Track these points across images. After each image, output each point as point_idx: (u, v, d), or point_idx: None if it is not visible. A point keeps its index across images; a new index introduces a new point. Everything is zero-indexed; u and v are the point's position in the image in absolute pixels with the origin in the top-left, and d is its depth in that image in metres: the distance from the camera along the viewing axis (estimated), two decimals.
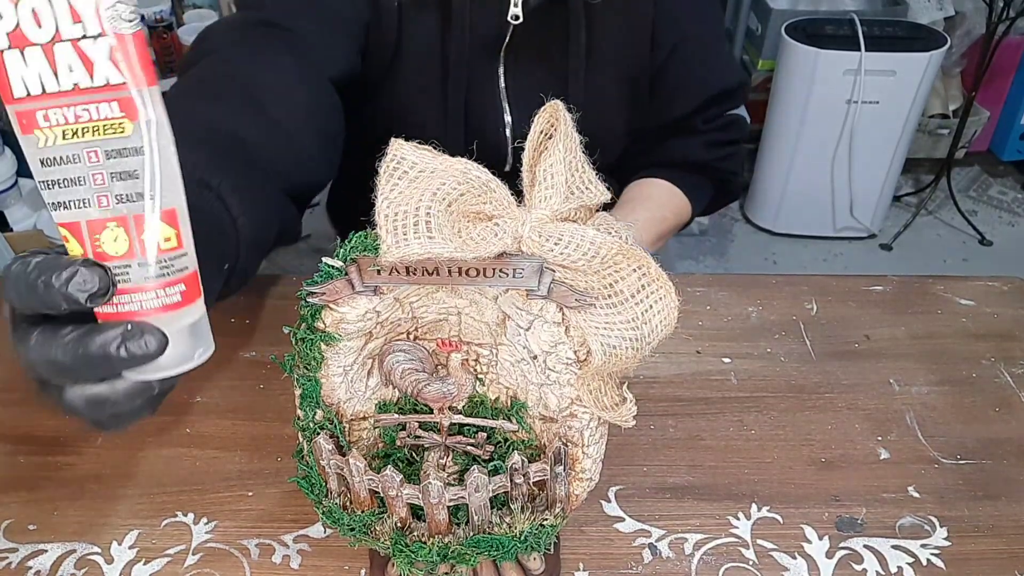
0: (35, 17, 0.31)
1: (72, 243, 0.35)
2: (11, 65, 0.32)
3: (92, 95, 0.32)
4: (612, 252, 0.45)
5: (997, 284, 0.90)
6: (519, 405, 0.54)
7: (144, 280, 0.35)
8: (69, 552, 0.61)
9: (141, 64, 0.33)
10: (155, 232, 0.34)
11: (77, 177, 0.33)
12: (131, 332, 0.35)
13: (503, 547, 0.52)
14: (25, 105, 0.32)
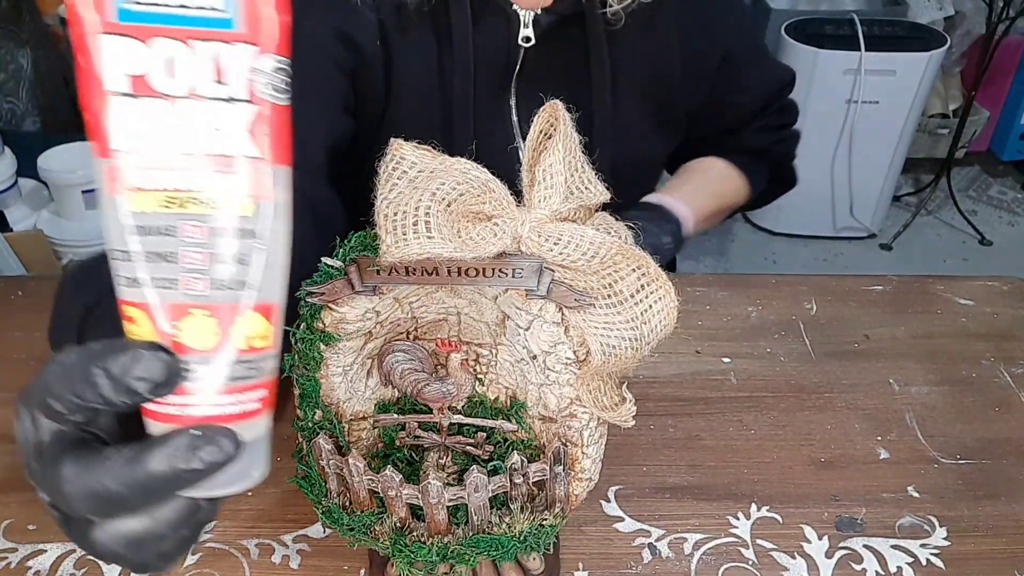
0: (169, 65, 0.27)
1: (141, 327, 0.29)
2: (120, 113, 0.27)
3: (214, 164, 0.28)
4: (611, 252, 0.45)
5: (997, 284, 0.90)
6: (518, 405, 0.54)
7: (226, 380, 0.29)
8: (69, 552, 0.61)
9: (281, 140, 0.29)
10: (250, 327, 0.29)
11: (167, 252, 0.28)
12: (202, 437, 0.29)
13: (502, 547, 0.52)
14: (122, 161, 0.27)
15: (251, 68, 0.27)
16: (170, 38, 0.26)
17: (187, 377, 0.29)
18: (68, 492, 0.29)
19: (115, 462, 0.29)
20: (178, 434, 0.29)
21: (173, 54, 0.27)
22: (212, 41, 0.27)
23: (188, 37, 0.27)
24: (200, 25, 0.27)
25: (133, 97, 0.27)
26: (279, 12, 0.27)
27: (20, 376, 0.77)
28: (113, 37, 0.26)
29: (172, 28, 0.26)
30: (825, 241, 2.43)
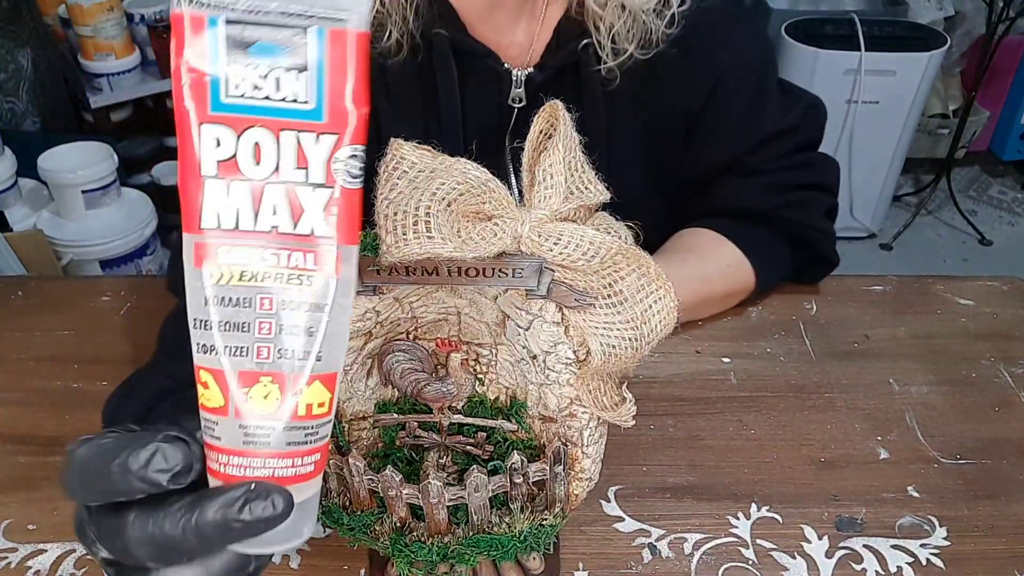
0: (256, 151, 0.29)
1: (212, 391, 0.31)
2: (211, 194, 0.29)
3: (289, 242, 0.30)
4: (611, 252, 0.45)
5: (997, 284, 0.90)
6: (518, 405, 0.54)
7: (286, 445, 0.31)
8: (69, 552, 0.61)
9: (352, 221, 0.31)
10: (311, 395, 0.31)
11: (243, 323, 0.30)
12: (256, 492, 0.31)
13: (502, 547, 0.52)
14: (209, 238, 0.30)
15: (331, 155, 0.30)
16: (260, 127, 0.29)
17: (254, 445, 0.31)
18: (130, 536, 0.31)
19: (175, 508, 0.31)
20: (235, 487, 0.31)
21: (261, 141, 0.29)
22: (297, 130, 0.29)
23: (276, 127, 0.29)
24: (288, 116, 0.29)
25: (222, 179, 0.29)
26: (358, 106, 0.30)
27: (20, 376, 0.77)
28: (211, 126, 0.29)
29: (263, 119, 0.29)
30: None
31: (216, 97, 0.29)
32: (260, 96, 0.29)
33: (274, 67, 0.29)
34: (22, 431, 0.71)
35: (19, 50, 2.28)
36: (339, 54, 0.29)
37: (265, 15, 0.28)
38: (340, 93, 0.29)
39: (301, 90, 0.29)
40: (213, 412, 0.32)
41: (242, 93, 0.29)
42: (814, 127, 0.82)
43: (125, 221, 1.84)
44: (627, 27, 0.69)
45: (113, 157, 1.80)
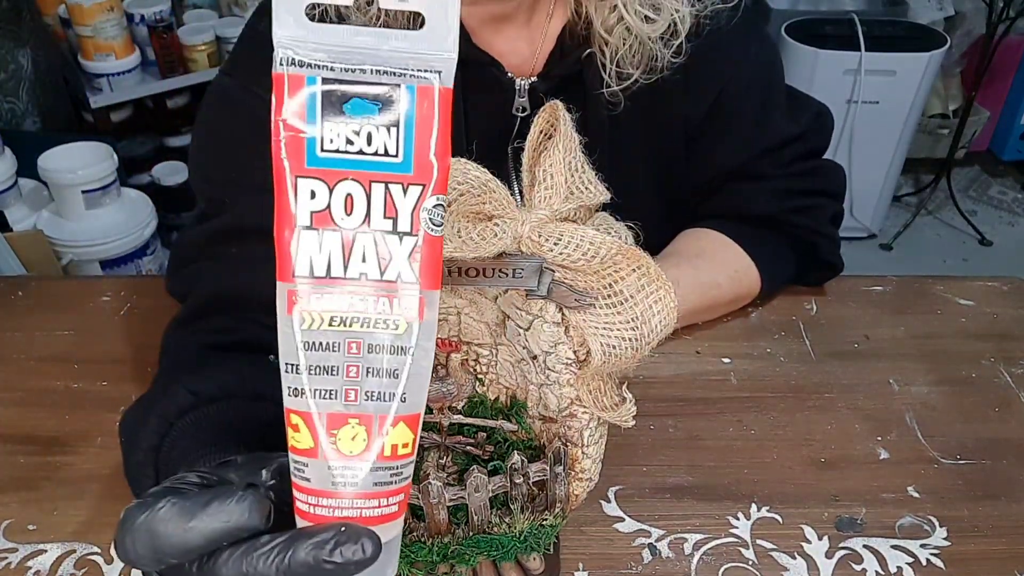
0: (348, 203, 0.31)
1: (302, 434, 0.32)
2: (305, 244, 0.31)
3: (376, 288, 0.31)
4: (612, 252, 0.45)
5: (997, 284, 0.90)
6: (519, 405, 0.54)
7: (372, 486, 0.33)
8: (69, 552, 0.61)
9: (434, 267, 0.32)
10: (396, 436, 0.33)
11: (331, 366, 0.32)
12: (346, 535, 0.32)
13: (503, 547, 0.52)
14: (302, 285, 0.31)
15: (417, 205, 0.31)
16: (352, 180, 0.31)
17: (338, 482, 0.32)
18: (223, 573, 0.32)
19: (268, 548, 0.32)
20: (325, 529, 0.32)
21: (353, 193, 0.31)
22: (387, 182, 0.31)
23: (368, 179, 0.31)
24: (378, 169, 0.31)
25: (315, 230, 0.31)
26: (440, 158, 0.32)
27: (20, 376, 0.77)
28: (306, 180, 0.31)
29: (355, 172, 0.31)
30: None
31: (312, 152, 0.30)
32: (353, 150, 0.31)
33: (366, 123, 0.30)
34: (22, 431, 0.71)
35: (19, 50, 2.28)
36: (427, 109, 0.31)
37: (360, 73, 0.30)
38: (426, 146, 0.31)
39: (392, 144, 0.31)
40: (303, 454, 0.33)
41: (336, 148, 0.30)
42: (821, 134, 0.83)
43: (125, 221, 1.84)
44: (632, 52, 0.69)
45: (113, 157, 1.80)
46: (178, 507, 0.33)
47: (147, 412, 0.54)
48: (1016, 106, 2.64)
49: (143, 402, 0.57)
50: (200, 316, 0.64)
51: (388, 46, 0.30)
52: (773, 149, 0.79)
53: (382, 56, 0.30)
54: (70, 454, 0.69)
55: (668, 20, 0.68)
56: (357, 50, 0.30)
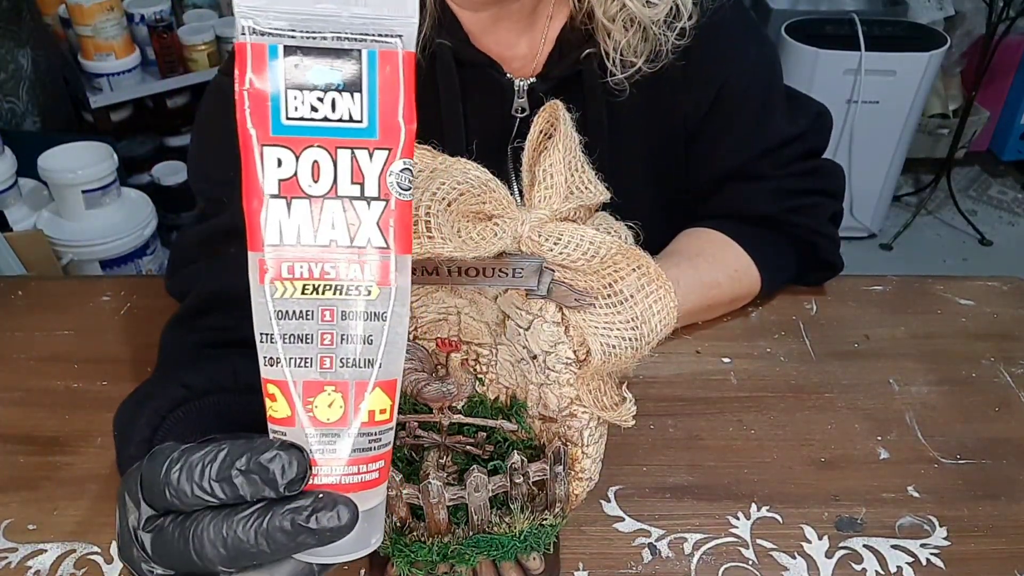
0: (314, 170, 0.31)
1: (279, 403, 0.32)
2: (273, 212, 0.31)
3: (347, 255, 0.31)
4: (611, 252, 0.45)
5: (997, 284, 0.90)
6: (519, 405, 0.53)
7: (350, 452, 0.33)
8: (69, 552, 0.61)
9: (405, 232, 0.32)
10: (374, 402, 0.33)
11: (305, 334, 0.32)
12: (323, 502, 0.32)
13: (502, 547, 0.52)
14: (271, 253, 0.31)
15: (384, 170, 0.31)
16: (318, 147, 0.31)
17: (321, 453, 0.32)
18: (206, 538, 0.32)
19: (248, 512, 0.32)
20: (303, 495, 0.32)
21: (319, 160, 0.31)
22: (352, 148, 0.31)
23: (334, 146, 0.31)
24: (343, 135, 0.31)
25: (283, 198, 0.31)
26: (407, 122, 0.32)
27: (20, 376, 0.77)
28: (272, 148, 0.31)
29: (320, 139, 0.31)
30: None
31: (277, 120, 0.30)
32: (318, 117, 0.30)
33: (330, 89, 0.30)
34: (22, 431, 0.71)
35: (19, 50, 2.28)
36: (390, 74, 0.31)
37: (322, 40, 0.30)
38: (391, 110, 0.31)
39: (356, 109, 0.31)
40: (280, 423, 0.33)
41: (300, 115, 0.30)
42: (821, 134, 0.83)
43: (125, 221, 1.84)
44: (636, 40, 0.69)
45: (113, 157, 1.80)
46: (215, 447, 0.33)
47: (140, 406, 0.54)
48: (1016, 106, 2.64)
49: (136, 396, 0.57)
50: (198, 315, 0.64)
51: (349, 12, 0.30)
52: (772, 149, 0.79)
53: (343, 22, 0.30)
54: (70, 454, 0.69)
55: (669, 3, 0.68)
56: (318, 17, 0.30)
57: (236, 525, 0.32)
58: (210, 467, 0.32)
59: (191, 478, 0.33)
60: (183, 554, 0.33)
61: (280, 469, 0.32)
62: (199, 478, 0.32)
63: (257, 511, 0.32)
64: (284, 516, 0.32)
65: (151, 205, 1.91)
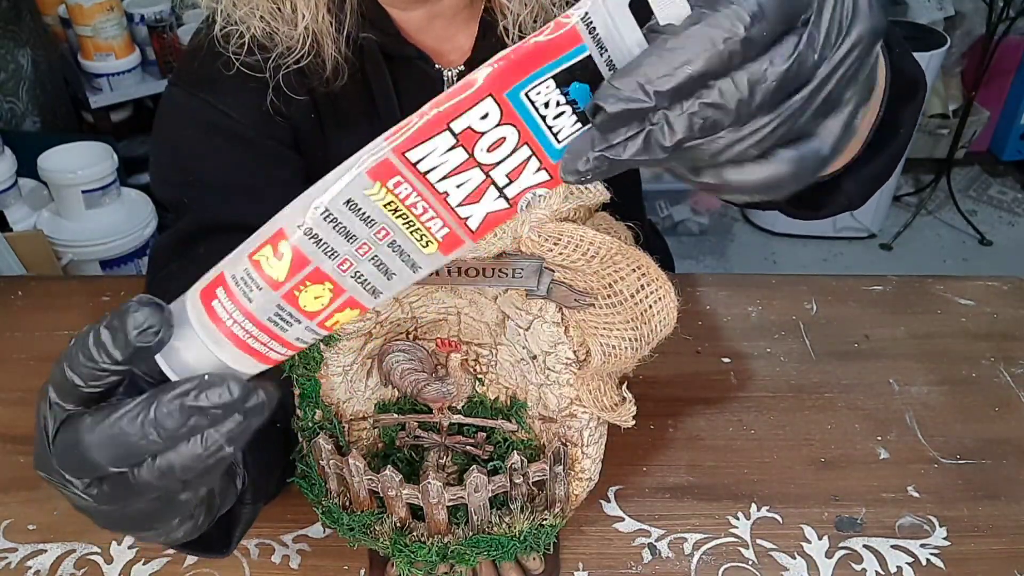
0: (499, 141, 0.31)
1: (281, 263, 0.33)
2: (438, 141, 0.31)
3: (442, 209, 0.32)
4: (611, 252, 0.45)
5: (997, 284, 0.90)
6: (519, 405, 0.54)
7: (294, 340, 0.34)
8: (69, 552, 0.61)
9: (488, 230, 0.33)
10: (343, 316, 0.34)
11: (353, 235, 0.32)
12: (209, 381, 0.32)
13: (502, 547, 0.52)
14: (403, 166, 0.31)
15: (531, 187, 0.32)
16: (516, 129, 0.31)
17: (273, 321, 0.33)
18: (88, 442, 0.32)
19: (130, 406, 0.32)
20: (186, 380, 0.32)
21: (508, 139, 0.31)
22: (534, 153, 0.32)
23: (525, 139, 0.31)
24: (541, 140, 0.31)
25: (455, 137, 0.31)
26: None
27: (20, 376, 0.77)
28: (492, 102, 0.30)
29: (526, 126, 0.31)
30: (825, 241, 2.43)
31: (520, 88, 0.30)
32: (540, 112, 0.31)
33: (573, 107, 0.31)
34: (22, 431, 0.71)
35: (19, 50, 2.28)
36: None
37: (612, 87, 0.29)
38: None
39: (565, 133, 0.31)
40: (265, 279, 0.33)
41: (535, 101, 0.31)
42: None
43: (125, 221, 1.84)
44: (533, 17, 0.68)
45: (113, 157, 1.80)
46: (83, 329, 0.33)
47: None
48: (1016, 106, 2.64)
49: None
50: None
51: None
52: None
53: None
54: None
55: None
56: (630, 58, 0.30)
57: (120, 420, 0.32)
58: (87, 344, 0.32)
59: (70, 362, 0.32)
60: (78, 459, 0.33)
61: (135, 318, 0.31)
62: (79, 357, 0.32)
63: (141, 403, 0.32)
64: (171, 400, 0.31)
65: (151, 205, 1.91)
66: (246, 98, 0.70)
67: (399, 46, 0.71)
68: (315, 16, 0.66)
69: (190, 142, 0.73)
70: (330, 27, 0.67)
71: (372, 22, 0.70)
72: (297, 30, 0.66)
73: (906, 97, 0.65)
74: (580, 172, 0.30)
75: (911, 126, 0.65)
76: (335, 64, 0.69)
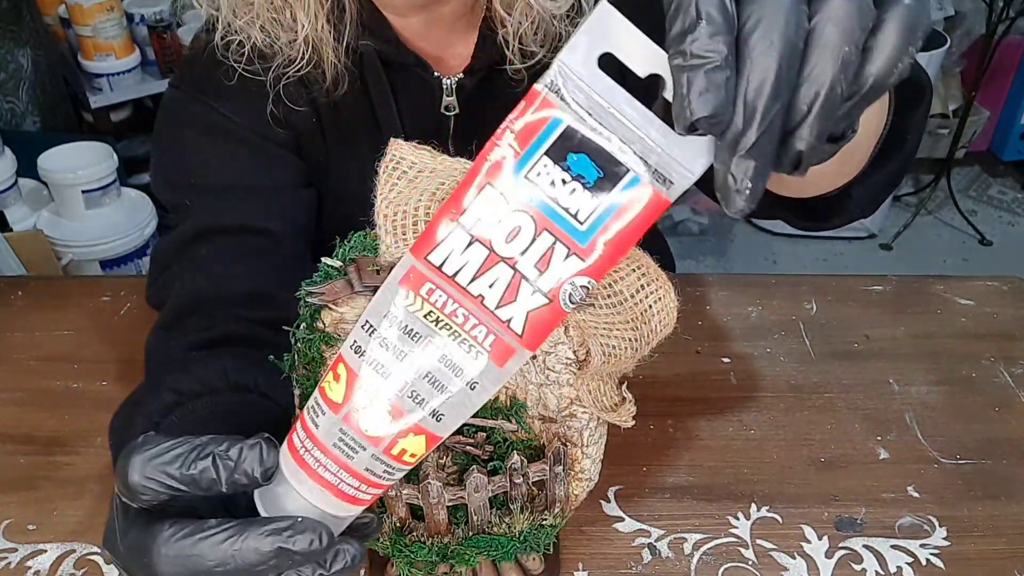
0: (515, 231, 0.31)
1: (338, 387, 0.33)
2: (455, 239, 0.31)
3: (484, 315, 0.31)
4: None
5: (997, 284, 0.90)
6: (518, 405, 0.53)
7: (362, 469, 0.33)
8: (69, 552, 0.61)
9: (542, 334, 0.32)
10: (411, 444, 0.33)
11: (401, 350, 0.32)
12: (302, 525, 0.32)
13: (502, 547, 0.52)
14: (427, 271, 0.31)
15: (568, 276, 0.31)
16: (530, 216, 0.30)
17: (339, 445, 0.33)
18: (161, 552, 0.31)
19: (217, 530, 0.31)
20: (281, 519, 0.32)
21: (524, 227, 0.30)
22: (557, 238, 0.31)
23: (543, 225, 0.30)
24: (559, 223, 0.30)
25: (470, 235, 0.31)
26: (614, 252, 0.31)
27: (20, 376, 0.77)
28: (496, 190, 0.30)
29: (539, 211, 0.30)
30: (825, 241, 2.43)
31: (517, 170, 0.30)
32: (550, 193, 0.30)
33: (579, 180, 0.30)
34: (22, 431, 0.71)
35: (19, 50, 2.28)
36: (633, 204, 0.30)
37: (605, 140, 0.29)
38: (608, 235, 0.31)
39: (585, 212, 0.30)
40: (328, 403, 0.33)
41: (538, 182, 0.30)
42: None
43: (125, 221, 1.84)
44: (536, 28, 0.68)
45: (113, 157, 1.80)
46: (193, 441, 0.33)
47: (133, 413, 0.54)
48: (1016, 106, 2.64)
49: (128, 403, 0.57)
50: (179, 319, 0.65)
51: (646, 133, 0.29)
52: None
53: (634, 135, 0.29)
54: (70, 454, 0.69)
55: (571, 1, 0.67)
56: (618, 120, 0.29)
57: (202, 543, 0.31)
58: (178, 455, 0.32)
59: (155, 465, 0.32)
60: (145, 566, 0.32)
61: (257, 458, 0.31)
62: (163, 466, 0.32)
63: (231, 529, 0.31)
64: (263, 535, 0.31)
65: (151, 205, 1.91)
66: (248, 102, 0.71)
67: (398, 53, 0.71)
68: (314, 25, 0.66)
69: (191, 145, 0.73)
70: (329, 36, 0.67)
71: (371, 30, 0.70)
72: (297, 39, 0.66)
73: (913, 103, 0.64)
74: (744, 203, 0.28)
75: (919, 132, 0.65)
76: (335, 73, 0.69)
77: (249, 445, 0.32)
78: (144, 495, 0.32)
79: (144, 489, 0.32)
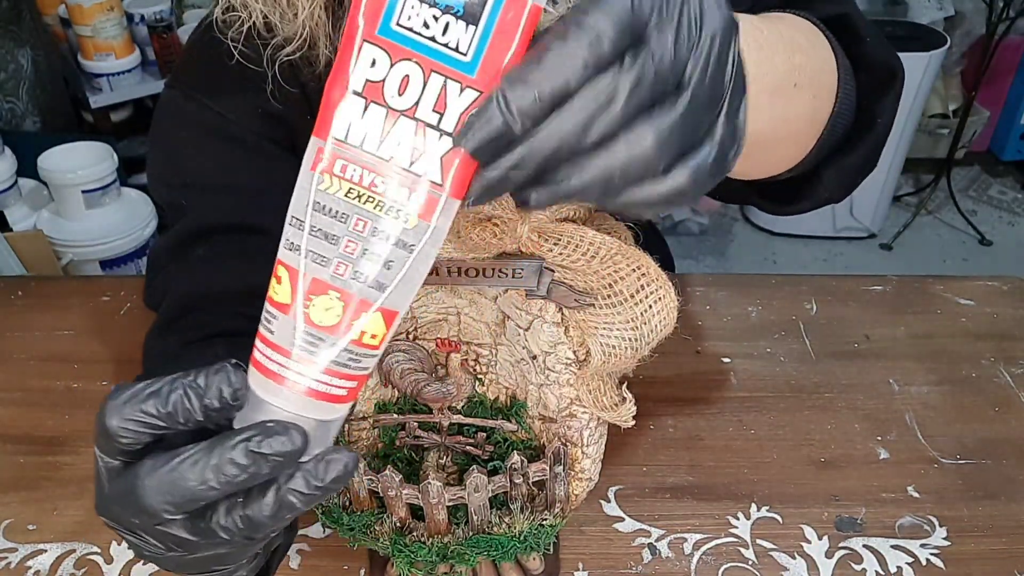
0: (403, 83, 0.30)
1: (283, 287, 0.32)
2: (349, 108, 0.31)
3: (401, 176, 0.31)
4: (611, 252, 0.45)
5: (997, 284, 0.90)
6: (518, 405, 0.53)
7: (329, 362, 0.33)
8: (69, 552, 0.61)
9: (464, 178, 0.31)
10: (368, 324, 0.33)
11: (333, 235, 0.32)
12: (273, 428, 0.31)
13: (502, 547, 0.52)
14: (332, 146, 0.31)
15: (468, 109, 0.30)
16: (414, 62, 0.30)
17: (299, 344, 0.32)
18: (145, 486, 0.32)
19: (191, 451, 0.31)
20: (250, 427, 0.32)
21: (411, 75, 0.30)
22: (447, 76, 0.30)
23: (429, 67, 0.30)
24: (443, 61, 0.30)
25: (363, 98, 0.30)
26: None
27: (20, 376, 0.77)
28: (372, 46, 0.30)
29: (420, 55, 0.30)
30: (825, 241, 2.43)
31: (387, 21, 0.30)
32: (426, 34, 0.30)
33: (448, 12, 0.30)
34: (22, 431, 0.71)
35: (19, 50, 2.28)
36: (511, 20, 0.30)
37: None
38: (498, 56, 0.30)
39: (465, 41, 0.30)
40: (277, 306, 0.33)
41: (411, 26, 0.30)
42: None
43: (125, 221, 1.84)
44: None
45: (113, 157, 1.80)
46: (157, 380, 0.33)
47: None
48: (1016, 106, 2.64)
49: None
50: (176, 318, 0.65)
51: None
52: None
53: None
54: (70, 454, 0.69)
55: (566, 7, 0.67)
56: None
57: (180, 465, 0.31)
58: (150, 393, 0.32)
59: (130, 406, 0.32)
60: (135, 505, 0.33)
61: (225, 379, 0.32)
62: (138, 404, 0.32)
63: (202, 449, 0.31)
64: (233, 448, 0.31)
65: (151, 205, 1.91)
66: (243, 100, 0.71)
67: None
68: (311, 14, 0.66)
69: (187, 144, 0.73)
70: (326, 26, 0.67)
71: None
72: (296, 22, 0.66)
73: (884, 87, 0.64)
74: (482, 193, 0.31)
75: (890, 115, 0.64)
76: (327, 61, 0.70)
77: (215, 370, 0.32)
78: (124, 437, 0.32)
79: (123, 432, 0.32)
